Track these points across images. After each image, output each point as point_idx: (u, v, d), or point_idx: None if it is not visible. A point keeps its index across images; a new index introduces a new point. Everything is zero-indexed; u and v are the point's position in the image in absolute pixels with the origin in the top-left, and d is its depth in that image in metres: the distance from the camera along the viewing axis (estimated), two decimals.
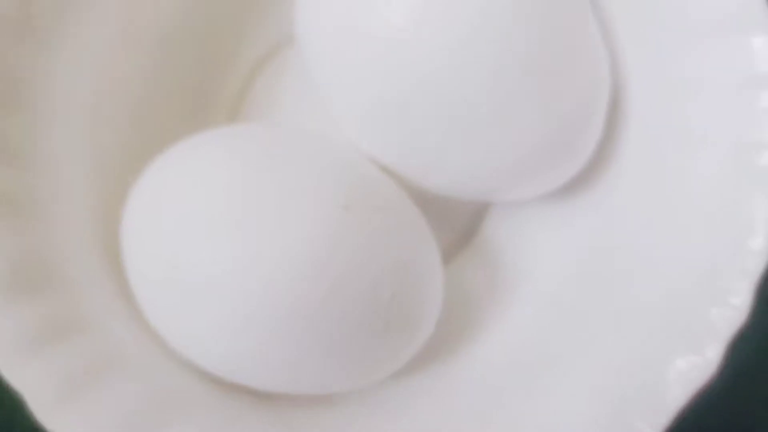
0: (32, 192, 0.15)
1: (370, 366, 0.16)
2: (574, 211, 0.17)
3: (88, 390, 0.14)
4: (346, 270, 0.15)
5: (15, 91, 0.15)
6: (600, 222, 0.17)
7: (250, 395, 0.16)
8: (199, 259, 0.14)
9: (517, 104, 0.16)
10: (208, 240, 0.14)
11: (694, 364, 0.14)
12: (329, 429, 0.16)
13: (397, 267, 0.16)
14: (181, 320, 0.15)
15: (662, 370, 0.14)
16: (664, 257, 0.15)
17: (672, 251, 0.15)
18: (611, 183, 0.17)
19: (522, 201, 0.18)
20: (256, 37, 0.19)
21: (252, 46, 0.19)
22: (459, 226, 0.19)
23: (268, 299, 0.15)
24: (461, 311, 0.18)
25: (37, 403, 0.13)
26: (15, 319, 0.14)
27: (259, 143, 0.16)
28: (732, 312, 0.14)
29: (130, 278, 0.15)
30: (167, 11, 0.17)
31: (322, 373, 0.16)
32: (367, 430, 0.16)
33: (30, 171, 0.15)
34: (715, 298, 0.14)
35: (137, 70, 0.17)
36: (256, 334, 0.15)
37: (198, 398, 0.15)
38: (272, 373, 0.15)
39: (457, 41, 0.15)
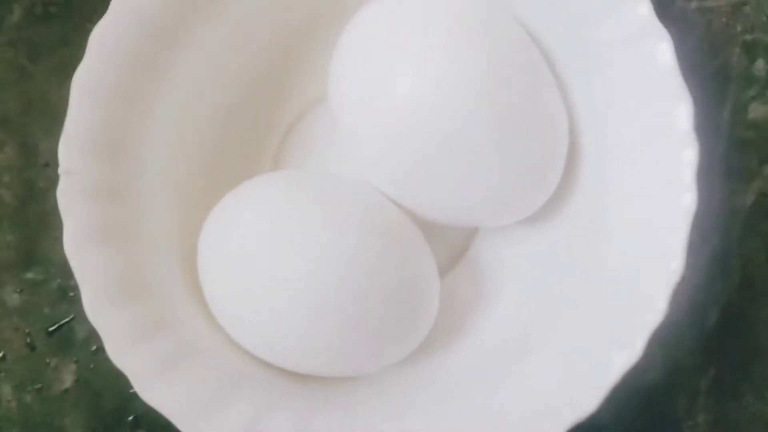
0: (131, 224, 0.19)
1: (382, 355, 0.20)
2: (540, 234, 0.22)
3: (173, 371, 0.18)
4: (365, 281, 0.19)
5: (120, 145, 0.19)
6: (560, 242, 0.21)
7: (292, 376, 0.20)
8: (255, 275, 0.19)
9: (499, 154, 0.20)
10: (262, 261, 0.19)
11: (626, 353, 0.18)
12: (351, 402, 0.20)
13: (404, 278, 0.20)
14: (242, 320, 0.19)
15: (602, 357, 0.18)
16: (605, 270, 0.19)
17: (610, 266, 0.19)
18: (568, 213, 0.21)
19: (502, 226, 0.22)
20: (295, 97, 0.23)
21: (291, 104, 0.23)
22: (453, 246, 0.23)
23: (305, 305, 0.19)
24: (454, 313, 0.22)
25: (137, 381, 0.18)
26: (120, 319, 0.18)
27: (298, 186, 0.20)
28: (653, 314, 0.18)
29: (204, 288, 0.20)
30: (230, 83, 0.22)
31: (345, 360, 0.20)
32: (380, 403, 0.20)
33: (130, 207, 0.19)
34: (639, 304, 0.18)
35: (209, 128, 0.21)
36: (296, 331, 0.19)
37: (253, 378, 0.19)
38: (308, 359, 0.20)
39: (457, 110, 0.19)
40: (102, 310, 0.18)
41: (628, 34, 0.19)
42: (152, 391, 0.18)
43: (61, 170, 0.18)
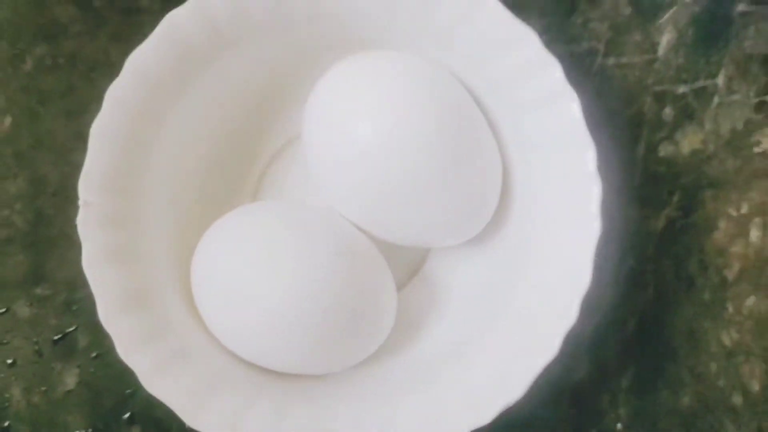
0: (136, 246, 0.22)
1: (346, 356, 0.23)
2: (480, 254, 0.24)
3: (172, 368, 0.21)
4: (332, 295, 0.22)
5: (127, 182, 0.22)
6: (496, 260, 0.24)
7: (271, 374, 0.23)
8: (239, 290, 0.21)
9: (445, 188, 0.22)
10: (245, 278, 0.21)
11: (547, 351, 0.21)
12: (324, 394, 0.22)
13: (365, 293, 0.22)
14: (229, 326, 0.22)
15: (527, 354, 0.21)
16: (530, 283, 0.22)
17: (533, 279, 0.22)
18: (502, 237, 0.24)
19: (449, 247, 0.24)
20: (272, 138, 0.25)
21: (269, 145, 0.25)
22: (409, 264, 0.25)
23: (282, 315, 0.21)
24: (410, 320, 0.24)
25: (142, 377, 0.21)
26: (127, 325, 0.21)
27: (275, 215, 0.23)
28: (568, 320, 0.21)
29: (197, 300, 0.22)
30: (217, 128, 0.24)
31: (315, 360, 0.23)
32: (344, 395, 0.22)
33: (135, 233, 0.22)
34: (557, 311, 0.21)
35: (200, 166, 0.24)
36: (276, 335, 0.22)
37: (238, 374, 0.22)
38: (284, 360, 0.22)
39: (408, 151, 0.21)
40: (113, 317, 0.21)
41: (547, 95, 0.22)
42: (155, 384, 0.21)
43: (80, 202, 0.21)
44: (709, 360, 0.26)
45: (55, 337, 0.27)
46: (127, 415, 0.26)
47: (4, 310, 0.27)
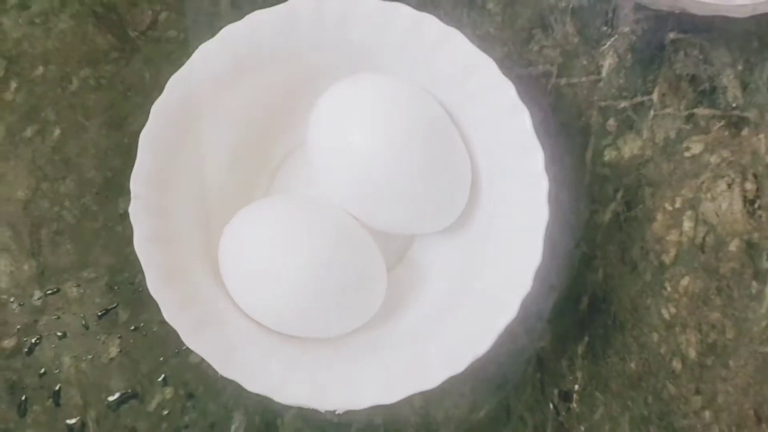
0: (175, 231, 0.25)
1: (347, 322, 0.26)
2: (455, 238, 0.27)
3: (204, 329, 0.24)
4: (337, 273, 0.25)
5: (166, 179, 0.25)
6: (467, 243, 0.27)
7: (284, 335, 0.26)
8: (261, 266, 0.24)
9: (424, 184, 0.25)
10: (266, 256, 0.25)
11: (507, 312, 0.24)
12: (325, 355, 0.25)
13: (362, 270, 0.26)
14: (251, 297, 0.25)
15: (492, 315, 0.25)
16: (493, 260, 0.25)
17: (496, 256, 0.25)
18: (471, 224, 0.27)
19: (429, 233, 0.27)
20: (281, 143, 0.28)
21: (279, 149, 0.28)
22: (396, 248, 0.28)
23: (293, 290, 0.24)
24: (399, 295, 0.27)
25: (184, 335, 0.24)
26: (170, 294, 0.24)
27: (289, 207, 0.26)
28: (523, 287, 0.24)
29: (223, 274, 0.26)
30: (236, 136, 0.27)
31: (322, 325, 0.26)
32: (345, 353, 0.25)
33: (173, 220, 0.25)
34: (514, 280, 0.24)
35: (221, 166, 0.27)
36: (289, 304, 0.25)
37: (257, 336, 0.25)
38: (296, 324, 0.25)
39: (394, 154, 0.24)
40: (158, 287, 0.24)
41: (503, 110, 0.25)
42: (193, 341, 0.24)
43: (132, 195, 0.24)
44: (652, 331, 0.29)
45: (99, 313, 0.29)
46: (160, 378, 0.29)
47: (55, 290, 0.29)
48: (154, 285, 0.24)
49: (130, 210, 0.25)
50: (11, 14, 0.30)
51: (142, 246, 0.24)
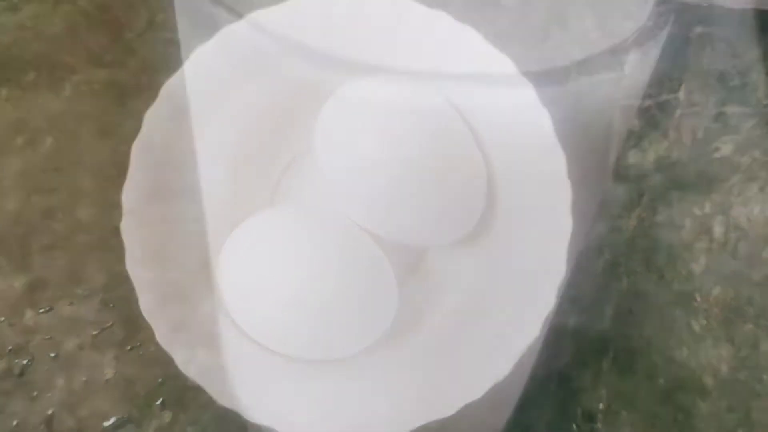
0: (165, 248, 0.24)
1: (355, 341, 0.25)
2: (472, 251, 0.26)
3: (200, 354, 0.24)
4: (344, 289, 0.24)
5: (160, 193, 0.24)
6: (483, 256, 0.26)
7: (288, 359, 0.25)
8: (263, 282, 0.24)
9: (437, 194, 0.25)
10: (265, 271, 0.24)
11: (530, 332, 0.24)
12: (334, 379, 0.25)
13: (370, 285, 0.25)
14: (252, 314, 0.25)
15: (512, 333, 0.24)
16: (513, 274, 0.24)
17: (516, 270, 0.24)
18: (488, 235, 0.26)
19: (443, 245, 0.27)
20: (283, 152, 0.27)
21: (281, 158, 0.27)
22: (408, 261, 0.27)
23: (300, 303, 0.24)
24: (409, 312, 0.26)
25: (177, 360, 0.23)
26: (161, 319, 0.24)
27: (294, 220, 0.25)
28: (546, 305, 0.23)
29: (222, 290, 0.25)
30: (239, 145, 0.26)
31: (328, 345, 0.25)
32: (355, 378, 0.25)
33: (164, 237, 0.24)
34: (537, 296, 0.24)
35: (222, 176, 0.26)
36: (292, 322, 0.24)
37: (258, 360, 0.24)
38: (300, 345, 0.25)
39: (405, 163, 0.24)
40: (152, 309, 0.23)
41: (522, 112, 0.24)
42: (187, 367, 0.23)
43: (124, 210, 0.24)
44: (681, 344, 0.28)
45: (94, 332, 0.28)
46: (159, 402, 0.28)
47: (48, 308, 0.29)
48: (147, 307, 0.24)
49: (122, 226, 0.24)
50: (0, 18, 0.30)
51: (134, 266, 0.24)
